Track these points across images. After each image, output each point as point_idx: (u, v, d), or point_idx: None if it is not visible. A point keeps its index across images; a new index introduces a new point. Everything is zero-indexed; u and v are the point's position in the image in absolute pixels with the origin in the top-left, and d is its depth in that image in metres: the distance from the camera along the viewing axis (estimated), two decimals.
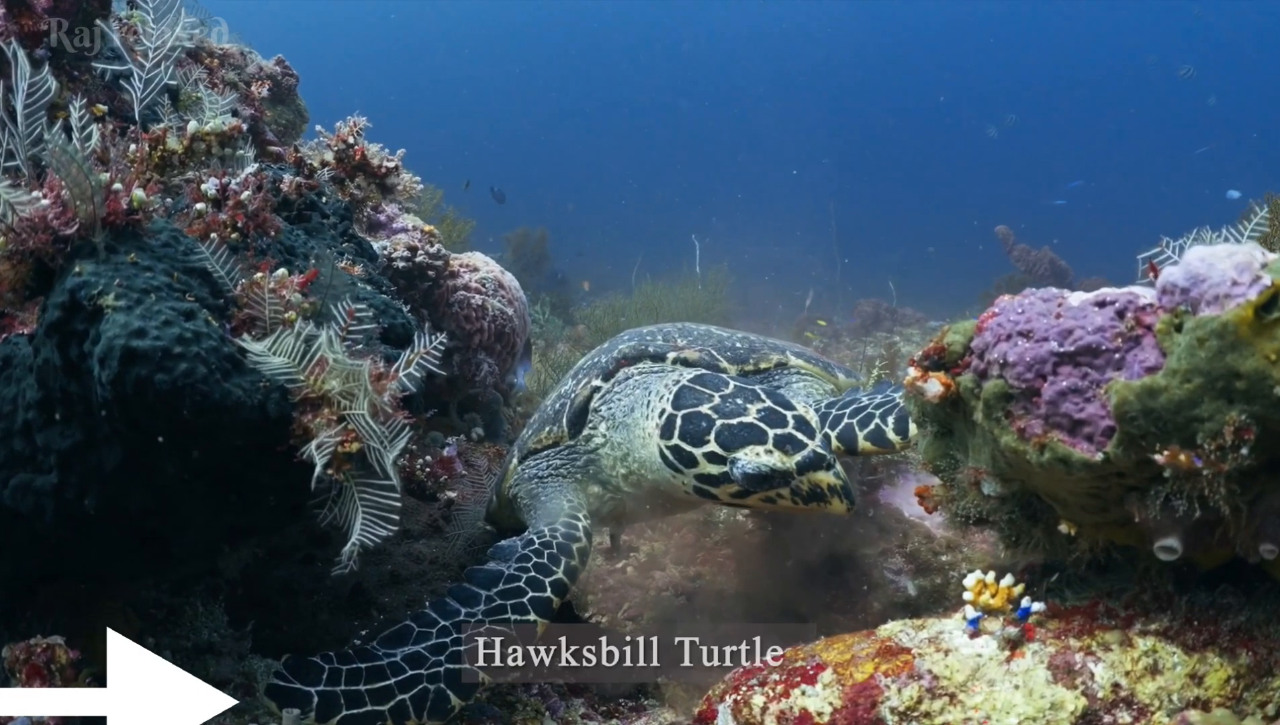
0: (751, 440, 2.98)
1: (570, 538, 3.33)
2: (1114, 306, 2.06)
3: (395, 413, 2.37)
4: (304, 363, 2.35)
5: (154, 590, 3.35)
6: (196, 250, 2.58)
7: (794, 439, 2.98)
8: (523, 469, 3.77)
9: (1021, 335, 2.09)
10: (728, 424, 3.03)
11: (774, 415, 3.05)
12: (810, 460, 2.94)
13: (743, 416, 3.04)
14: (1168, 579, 2.36)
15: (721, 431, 3.03)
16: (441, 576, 3.96)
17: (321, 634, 3.68)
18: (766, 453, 2.95)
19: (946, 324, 2.36)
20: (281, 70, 5.65)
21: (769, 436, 2.97)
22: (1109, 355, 2.01)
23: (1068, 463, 2.02)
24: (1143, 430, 1.94)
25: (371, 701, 2.87)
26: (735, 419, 3.04)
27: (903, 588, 3.50)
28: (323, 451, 2.25)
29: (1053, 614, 2.39)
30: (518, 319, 5.50)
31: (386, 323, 2.88)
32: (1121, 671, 2.24)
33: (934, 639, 2.39)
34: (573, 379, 3.82)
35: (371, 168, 3.67)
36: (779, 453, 2.95)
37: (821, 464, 2.94)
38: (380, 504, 2.32)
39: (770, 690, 2.43)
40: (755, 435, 2.99)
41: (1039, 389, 2.05)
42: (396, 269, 4.97)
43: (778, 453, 2.95)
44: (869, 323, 9.95)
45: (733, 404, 3.10)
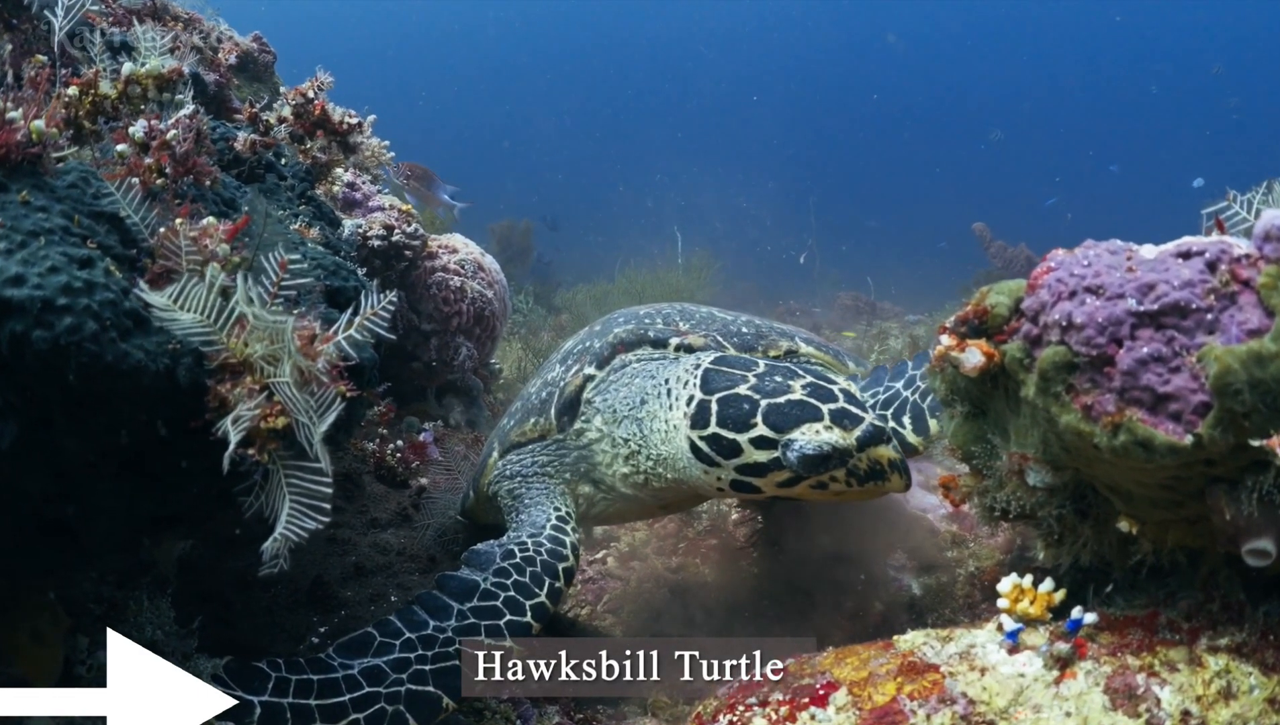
0: (806, 418, 2.48)
1: (556, 555, 2.79)
2: (1203, 257, 1.56)
3: (332, 382, 1.85)
4: (222, 320, 1.83)
5: (95, 584, 2.83)
6: (108, 193, 2.06)
7: (850, 413, 2.49)
8: (504, 464, 3.20)
9: (1089, 291, 1.59)
10: (775, 403, 2.53)
11: (821, 390, 2.55)
12: (871, 434, 2.46)
13: (789, 394, 2.54)
14: (1237, 586, 1.88)
15: (769, 412, 2.52)
16: (409, 569, 3.44)
17: (276, 631, 3.17)
18: (826, 429, 2.46)
19: (924, 318, 1.88)
20: (259, 46, 5.11)
21: (824, 412, 2.48)
22: (1199, 315, 1.52)
23: (1149, 447, 1.52)
24: (1248, 407, 1.45)
25: (322, 718, 2.35)
26: (782, 397, 2.53)
27: (906, 586, 3.02)
28: (238, 426, 1.74)
29: (1104, 625, 1.90)
30: (498, 302, 4.99)
31: (336, 284, 2.36)
32: (1192, 696, 1.75)
33: (965, 654, 1.89)
34: (561, 365, 3.22)
35: (332, 124, 3.17)
36: (839, 429, 2.46)
37: (882, 437, 2.47)
38: (309, 491, 1.80)
39: (773, 713, 1.93)
40: (809, 412, 2.49)
41: (1113, 357, 1.56)
42: (372, 248, 4.45)
43: (838, 429, 2.45)
44: (849, 315, 9.51)
45: (773, 382, 2.59)
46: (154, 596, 2.79)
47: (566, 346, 3.38)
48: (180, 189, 2.22)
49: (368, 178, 4.60)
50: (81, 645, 2.53)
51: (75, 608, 2.68)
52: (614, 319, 3.34)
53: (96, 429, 1.90)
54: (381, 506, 3.71)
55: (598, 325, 3.38)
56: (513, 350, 6.89)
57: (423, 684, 2.46)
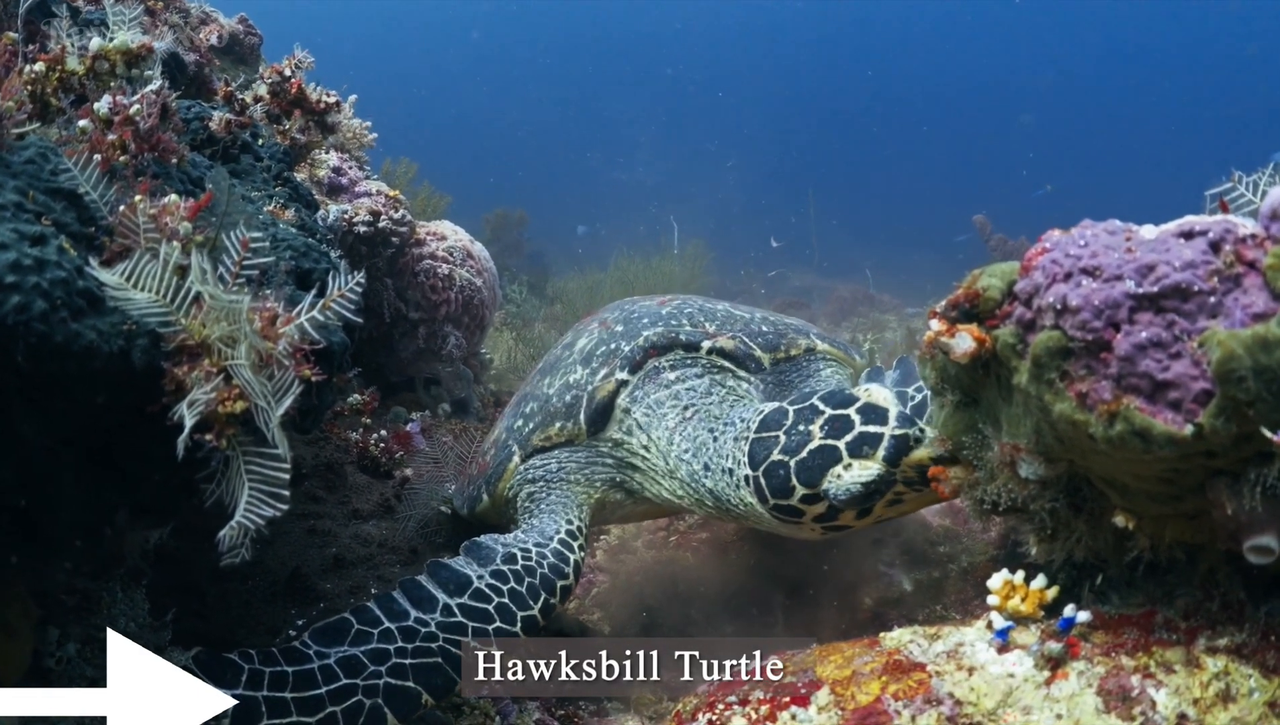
0: (829, 464, 2.49)
1: (557, 571, 2.74)
2: (1206, 237, 1.49)
3: (295, 366, 1.77)
4: (179, 300, 1.75)
5: (68, 575, 2.77)
6: (66, 169, 1.98)
7: (867, 436, 2.47)
8: (527, 469, 3.12)
9: (1086, 273, 1.52)
10: (801, 461, 2.54)
11: (838, 422, 2.54)
12: (894, 449, 2.43)
13: (809, 444, 2.55)
14: (1237, 584, 1.80)
15: (800, 470, 2.54)
16: (390, 561, 3.37)
17: (253, 624, 3.10)
18: (845, 469, 2.47)
19: (922, 311, 1.80)
20: (244, 28, 5.01)
21: (841, 451, 2.49)
22: (1202, 298, 1.44)
23: (1147, 437, 1.45)
24: (1252, 395, 1.37)
25: (297, 711, 2.28)
26: (805, 451, 2.54)
27: (896, 581, 2.95)
28: (193, 410, 1.66)
29: (1098, 624, 1.83)
30: (487, 291, 4.91)
31: (307, 266, 2.29)
32: (1189, 699, 1.68)
33: (953, 653, 1.82)
34: (584, 366, 3.13)
35: (309, 102, 3.09)
36: (859, 461, 2.46)
37: (907, 445, 2.43)
38: (269, 478, 1.73)
39: (753, 711, 1.86)
40: (829, 457, 2.50)
41: (1110, 342, 1.48)
42: (358, 234, 4.37)
43: (857, 463, 2.45)
44: (847, 307, 9.40)
45: (797, 435, 2.59)
46: (128, 588, 2.72)
47: (581, 344, 3.27)
48: (142, 165, 2.14)
49: (354, 162, 4.52)
50: (51, 637, 2.47)
51: (46, 599, 2.62)
52: (634, 316, 3.24)
53: (53, 414, 1.83)
54: (364, 497, 3.64)
55: (616, 323, 3.26)
56: (504, 340, 6.82)
57: (402, 679, 2.39)
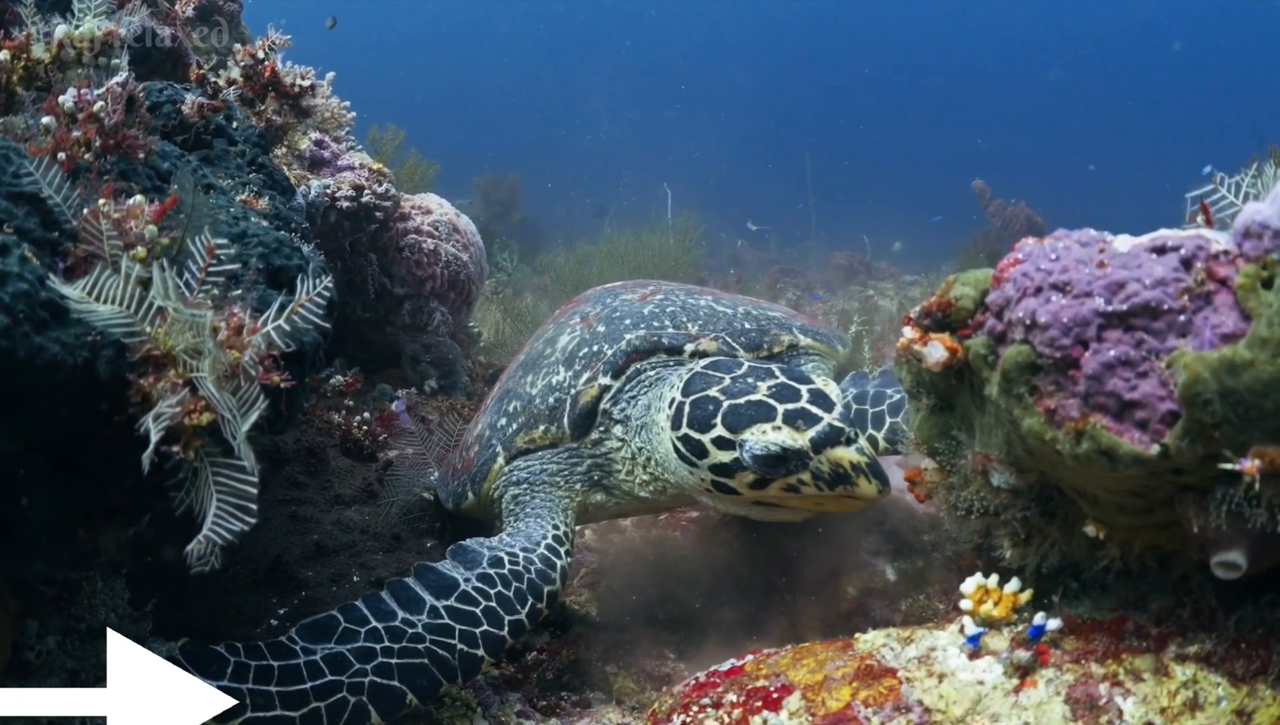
0: (759, 418, 2.49)
1: (544, 577, 2.75)
2: (1177, 253, 1.48)
3: (264, 375, 1.77)
4: (144, 311, 1.75)
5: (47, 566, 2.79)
6: (29, 172, 1.96)
7: (807, 413, 2.46)
8: (510, 470, 3.13)
9: (1056, 288, 1.51)
10: (735, 404, 2.54)
11: (786, 390, 2.54)
12: (825, 434, 2.42)
13: (751, 394, 2.55)
14: (1210, 591, 1.82)
15: (728, 413, 2.54)
16: (372, 547, 3.39)
17: (233, 613, 3.12)
18: (774, 429, 2.45)
19: (921, 278, 1.79)
20: None
21: (778, 412, 2.48)
22: (1172, 317, 1.44)
23: (1113, 456, 1.45)
24: (1218, 418, 1.37)
25: (282, 705, 2.30)
26: (743, 398, 2.55)
27: (880, 571, 2.98)
28: (159, 423, 1.66)
29: (1069, 629, 1.85)
30: (473, 265, 4.88)
31: (278, 263, 2.27)
32: (1156, 708, 1.70)
33: (924, 658, 1.85)
34: (567, 368, 3.13)
35: (283, 86, 3.04)
36: (788, 428, 2.44)
37: (838, 438, 2.42)
38: (236, 491, 1.73)
39: (725, 715, 1.89)
40: (763, 412, 2.49)
41: (1078, 359, 1.48)
42: (341, 209, 4.34)
43: (787, 428, 2.44)
44: (844, 276, 9.34)
45: (743, 383, 2.60)
46: (108, 578, 2.73)
47: (564, 342, 3.26)
48: (105, 166, 2.11)
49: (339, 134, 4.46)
50: (30, 630, 2.48)
51: (24, 590, 2.64)
52: (616, 316, 3.24)
53: (17, 423, 1.83)
54: (346, 482, 3.65)
55: (598, 321, 3.24)
56: (492, 313, 6.79)
57: (387, 678, 2.40)
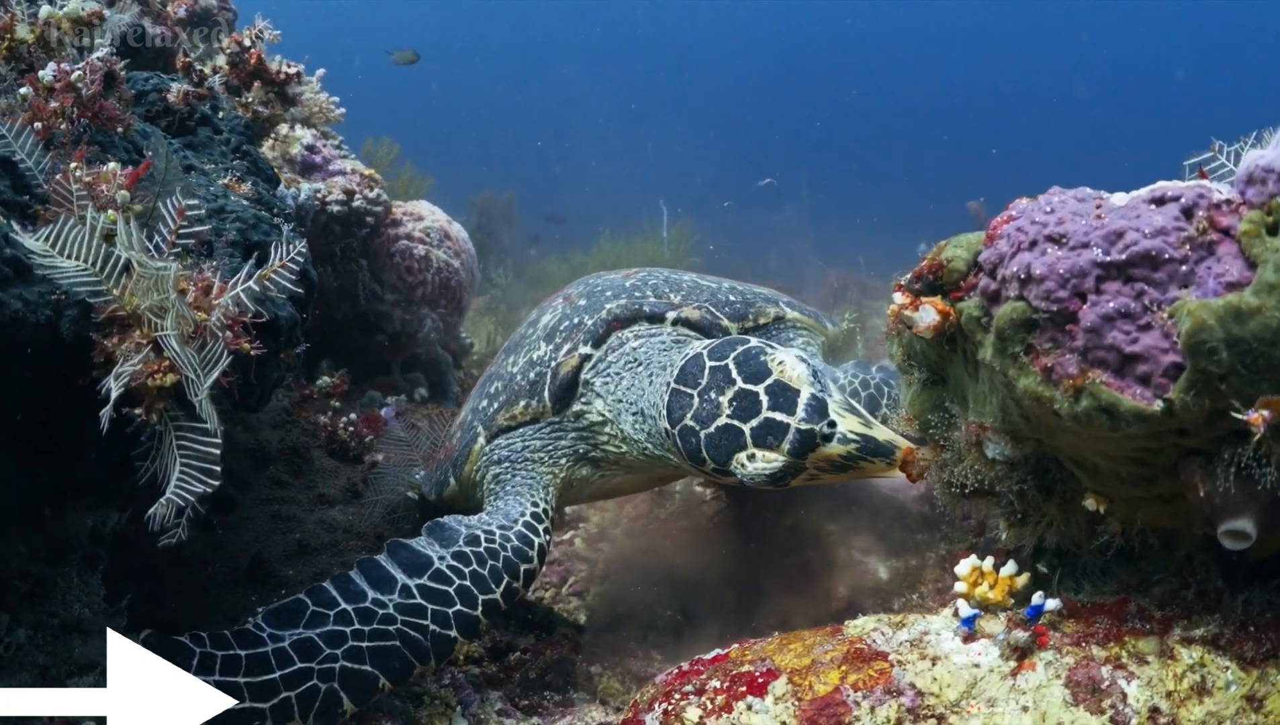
0: (735, 448, 2.39)
1: (520, 554, 2.64)
2: (1178, 203, 1.41)
3: (231, 339, 1.69)
4: (109, 269, 1.68)
5: (22, 560, 2.69)
6: (1, 136, 1.91)
7: (772, 424, 2.34)
8: (492, 449, 3.00)
9: (1051, 240, 1.44)
10: (709, 435, 2.44)
11: (745, 399, 2.42)
12: (798, 444, 2.30)
13: (717, 419, 2.44)
14: (1215, 572, 1.74)
15: (708, 446, 2.44)
16: (356, 547, 3.30)
17: (211, 610, 3.02)
18: (749, 459, 2.36)
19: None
20: (218, 4, 4.91)
21: (745, 437, 2.38)
22: (1173, 266, 1.37)
23: (1114, 413, 1.37)
24: (1224, 368, 1.30)
25: (250, 696, 2.20)
26: (712, 425, 2.44)
27: (872, 570, 2.88)
28: (119, 382, 1.58)
29: (1069, 612, 1.76)
30: (465, 272, 4.83)
31: (256, 238, 2.20)
32: (1161, 691, 1.61)
33: (917, 642, 1.75)
34: (547, 342, 3.03)
35: (269, 73, 3.00)
36: (763, 452, 2.34)
37: (813, 441, 2.30)
38: (200, 453, 1.65)
39: (708, 701, 1.79)
40: (735, 440, 2.40)
41: (1075, 313, 1.41)
42: (332, 214, 4.29)
43: (761, 453, 2.34)
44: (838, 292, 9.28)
45: (709, 403, 2.48)
46: (84, 574, 2.65)
47: (545, 320, 3.17)
48: (78, 131, 2.06)
49: (329, 140, 4.42)
50: (1, 623, 2.40)
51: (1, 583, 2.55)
52: (597, 289, 3.15)
53: None
54: (330, 482, 3.56)
55: (580, 297, 3.16)
56: (485, 325, 6.73)
57: (359, 662, 2.30)
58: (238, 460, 3.72)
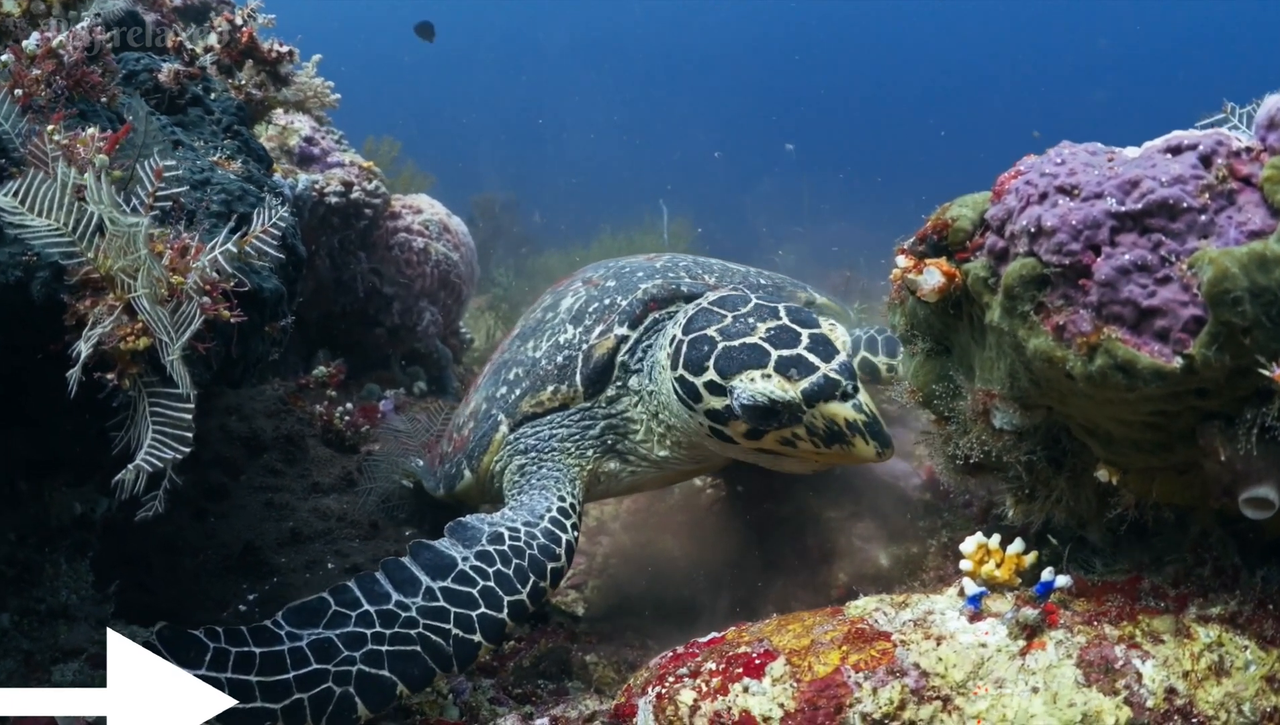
0: (750, 364, 2.27)
1: (547, 552, 2.49)
2: (1195, 151, 1.33)
3: (210, 305, 1.61)
4: (83, 229, 1.60)
5: (11, 546, 2.62)
6: None
7: (802, 361, 2.24)
8: (516, 438, 2.82)
9: (1062, 192, 1.35)
10: (729, 347, 2.32)
11: (785, 333, 2.31)
12: (819, 387, 2.20)
13: (747, 337, 2.32)
14: (1231, 548, 1.64)
15: (721, 356, 2.32)
16: (349, 535, 3.22)
17: (200, 598, 2.94)
18: (764, 377, 2.23)
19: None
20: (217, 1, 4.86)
21: (770, 358, 2.26)
22: (1192, 216, 1.28)
23: (1130, 371, 1.29)
24: (1249, 320, 1.21)
25: (262, 696, 2.08)
26: (738, 340, 2.32)
27: (873, 557, 2.79)
28: (90, 342, 1.50)
29: (1080, 591, 1.67)
30: (464, 266, 4.75)
31: (241, 210, 2.12)
32: (1178, 671, 1.52)
33: (921, 621, 1.66)
34: (575, 325, 2.86)
35: (260, 52, 2.93)
36: (779, 377, 2.22)
37: (834, 391, 2.20)
38: (172, 419, 1.57)
39: (703, 684, 1.70)
40: (755, 357, 2.28)
41: (1089, 266, 1.32)
42: (329, 205, 4.21)
43: (778, 377, 2.22)
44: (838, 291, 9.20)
45: (742, 323, 2.37)
46: (72, 560, 2.58)
47: (568, 303, 3.01)
48: (56, 94, 1.98)
49: (328, 133, 4.35)
50: None
51: None
52: (625, 271, 3.01)
53: None
54: (325, 471, 3.48)
55: (605, 279, 3.01)
56: (485, 321, 6.66)
57: (377, 667, 2.17)
58: (231, 448, 3.64)
